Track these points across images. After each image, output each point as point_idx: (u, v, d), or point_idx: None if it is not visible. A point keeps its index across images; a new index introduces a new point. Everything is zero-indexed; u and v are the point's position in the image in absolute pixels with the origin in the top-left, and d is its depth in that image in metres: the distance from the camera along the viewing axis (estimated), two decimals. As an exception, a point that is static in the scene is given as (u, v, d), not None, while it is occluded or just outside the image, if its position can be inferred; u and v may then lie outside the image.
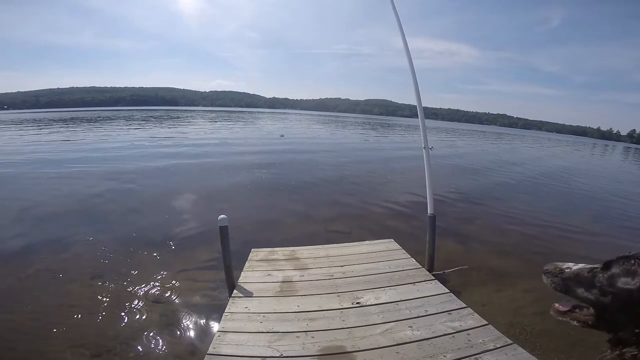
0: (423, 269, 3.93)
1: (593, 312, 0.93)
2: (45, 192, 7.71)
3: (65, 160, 11.74)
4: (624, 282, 0.85)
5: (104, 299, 3.72)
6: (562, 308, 1.01)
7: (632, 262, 0.89)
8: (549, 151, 33.39)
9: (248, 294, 3.27)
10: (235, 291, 3.32)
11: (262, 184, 9.22)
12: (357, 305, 3.10)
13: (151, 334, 3.19)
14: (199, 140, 18.91)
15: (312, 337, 2.64)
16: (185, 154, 13.66)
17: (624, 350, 0.85)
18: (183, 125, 33.28)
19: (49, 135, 20.68)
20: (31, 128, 27.40)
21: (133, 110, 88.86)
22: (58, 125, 29.88)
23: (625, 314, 0.85)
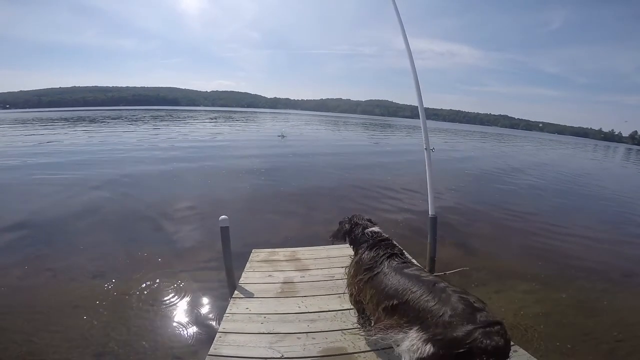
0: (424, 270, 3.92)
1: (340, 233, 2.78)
2: (47, 194, 7.73)
3: (67, 162, 11.79)
4: (342, 224, 2.81)
5: (106, 299, 3.72)
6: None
7: (350, 217, 2.81)
8: (552, 153, 33.32)
9: (249, 295, 3.27)
10: (236, 292, 3.32)
11: (263, 185, 9.23)
12: (358, 306, 3.09)
13: (152, 335, 3.20)
14: (200, 143, 18.76)
15: (313, 338, 2.63)
16: (186, 157, 13.64)
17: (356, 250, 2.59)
18: (184, 125, 33.31)
19: (52, 136, 20.73)
20: (35, 127, 27.50)
21: (135, 110, 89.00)
22: (60, 125, 29.96)
23: (349, 234, 2.71)
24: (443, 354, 1.57)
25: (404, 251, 2.44)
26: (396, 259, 2.29)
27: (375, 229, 2.62)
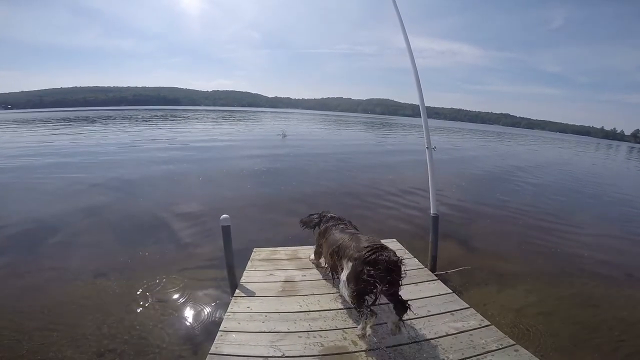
0: (426, 269, 3.92)
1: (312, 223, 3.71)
2: (50, 194, 7.75)
3: (68, 163, 11.82)
4: (311, 217, 3.77)
5: (108, 298, 3.74)
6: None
7: (320, 212, 3.75)
8: (554, 151, 33.22)
9: (250, 294, 3.27)
10: (237, 290, 3.32)
11: (264, 185, 9.23)
12: (359, 305, 3.09)
13: (153, 333, 3.20)
14: (201, 143, 18.51)
15: (314, 337, 2.63)
16: (188, 156, 13.65)
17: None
18: (185, 125, 33.33)
19: (54, 136, 20.79)
20: (36, 128, 27.58)
21: (136, 109, 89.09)
22: (62, 125, 30.04)
23: (314, 222, 3.68)
24: (354, 267, 2.54)
25: (349, 221, 3.53)
26: (340, 226, 3.30)
27: (332, 214, 3.67)
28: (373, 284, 2.36)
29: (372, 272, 2.37)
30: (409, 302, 2.53)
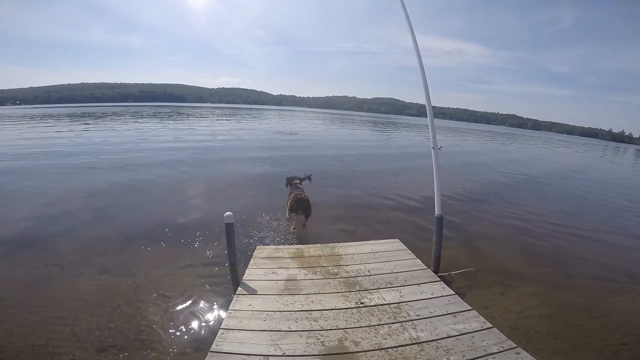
0: (429, 270, 3.91)
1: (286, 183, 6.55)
2: (55, 191, 7.82)
3: (72, 160, 11.92)
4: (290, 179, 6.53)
5: (110, 294, 3.76)
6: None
7: (291, 177, 6.59)
8: (560, 154, 32.88)
9: (252, 292, 3.29)
10: (239, 288, 3.33)
11: (268, 183, 9.22)
12: (361, 305, 3.09)
13: (154, 330, 3.22)
14: (206, 142, 18.17)
15: (315, 337, 2.64)
16: (192, 154, 13.65)
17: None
18: (191, 122, 33.42)
19: (60, 133, 20.98)
20: (42, 123, 27.85)
21: (142, 106, 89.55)
22: (68, 122, 30.31)
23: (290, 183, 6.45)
24: (291, 203, 5.45)
25: (301, 188, 5.94)
26: (297, 187, 5.96)
27: (297, 181, 6.28)
28: (294, 208, 5.31)
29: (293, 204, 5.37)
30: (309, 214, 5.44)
